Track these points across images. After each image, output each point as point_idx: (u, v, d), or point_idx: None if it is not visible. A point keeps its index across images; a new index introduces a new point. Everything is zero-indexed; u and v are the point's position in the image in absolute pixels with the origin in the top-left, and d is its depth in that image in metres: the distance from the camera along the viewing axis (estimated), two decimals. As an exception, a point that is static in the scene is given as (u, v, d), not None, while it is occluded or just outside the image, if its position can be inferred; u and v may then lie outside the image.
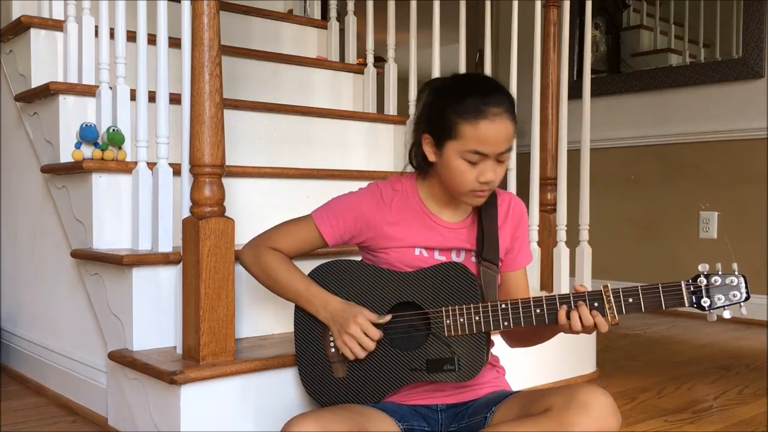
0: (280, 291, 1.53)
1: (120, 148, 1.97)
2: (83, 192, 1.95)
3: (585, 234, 2.58)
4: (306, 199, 2.23)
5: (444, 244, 1.49)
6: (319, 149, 2.67)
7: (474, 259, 1.50)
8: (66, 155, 2.03)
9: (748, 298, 1.31)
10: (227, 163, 1.74)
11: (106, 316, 1.86)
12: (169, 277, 1.75)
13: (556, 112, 2.54)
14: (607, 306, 1.34)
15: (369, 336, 1.41)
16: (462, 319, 1.39)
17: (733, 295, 1.31)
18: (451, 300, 1.41)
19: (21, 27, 2.25)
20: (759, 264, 3.53)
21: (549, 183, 2.54)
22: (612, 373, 2.51)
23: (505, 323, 1.38)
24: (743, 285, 1.31)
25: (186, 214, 1.64)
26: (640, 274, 3.92)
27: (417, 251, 1.48)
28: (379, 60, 3.13)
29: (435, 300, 1.42)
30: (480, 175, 1.38)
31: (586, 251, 2.57)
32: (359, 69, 3.13)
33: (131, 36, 1.90)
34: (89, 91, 2.08)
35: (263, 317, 1.88)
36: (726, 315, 1.31)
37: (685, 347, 2.99)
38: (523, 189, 2.46)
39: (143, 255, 1.75)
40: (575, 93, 2.73)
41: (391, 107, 3.01)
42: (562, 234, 2.53)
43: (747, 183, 3.63)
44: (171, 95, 1.80)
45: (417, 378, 1.42)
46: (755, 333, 3.29)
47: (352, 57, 3.22)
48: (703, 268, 1.32)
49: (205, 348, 1.56)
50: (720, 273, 1.32)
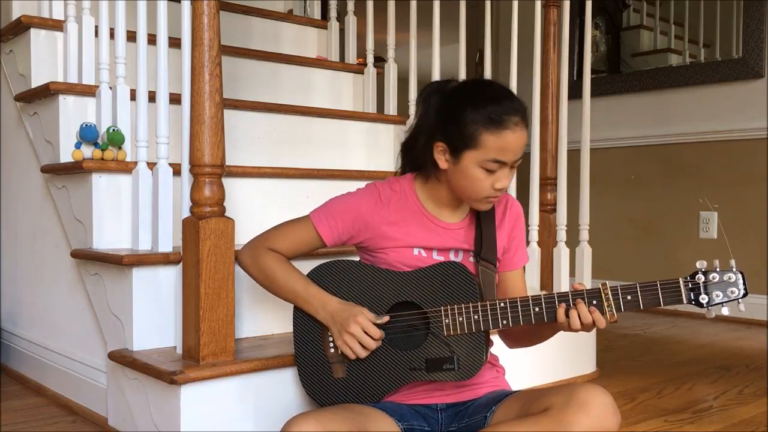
0: (278, 292, 1.53)
1: (120, 148, 1.97)
2: (83, 192, 1.95)
3: (585, 234, 2.58)
4: (306, 199, 2.23)
5: (442, 244, 1.49)
6: (319, 149, 2.67)
7: (472, 259, 1.50)
8: (66, 155, 2.04)
9: (746, 294, 1.31)
10: (227, 163, 1.74)
11: (106, 316, 1.86)
12: (169, 277, 1.75)
13: (556, 112, 2.54)
14: (606, 304, 1.34)
15: (370, 335, 1.41)
16: (461, 319, 1.39)
17: (731, 292, 1.31)
18: (450, 299, 1.41)
19: (21, 27, 2.25)
20: (759, 264, 3.53)
21: (549, 183, 2.54)
22: (612, 373, 2.51)
23: (504, 322, 1.38)
24: (741, 281, 1.31)
25: (186, 214, 1.65)
26: (640, 274, 3.91)
27: (415, 251, 1.48)
28: (379, 60, 3.13)
29: (434, 299, 1.42)
30: (496, 182, 1.39)
31: (586, 251, 2.58)
32: (359, 69, 3.13)
33: (131, 36, 1.90)
34: (89, 91, 2.08)
35: (263, 317, 1.88)
36: (724, 312, 1.31)
37: (685, 347, 2.99)
38: (523, 189, 2.46)
39: (143, 255, 1.75)
40: (575, 93, 2.74)
41: (391, 107, 3.01)
42: (562, 234, 2.53)
43: (747, 183, 3.63)
44: (171, 95, 1.80)
45: (416, 377, 1.42)
46: (755, 333, 3.29)
47: (352, 57, 3.22)
48: (701, 265, 1.32)
49: (205, 348, 1.57)
50: (718, 270, 1.32)
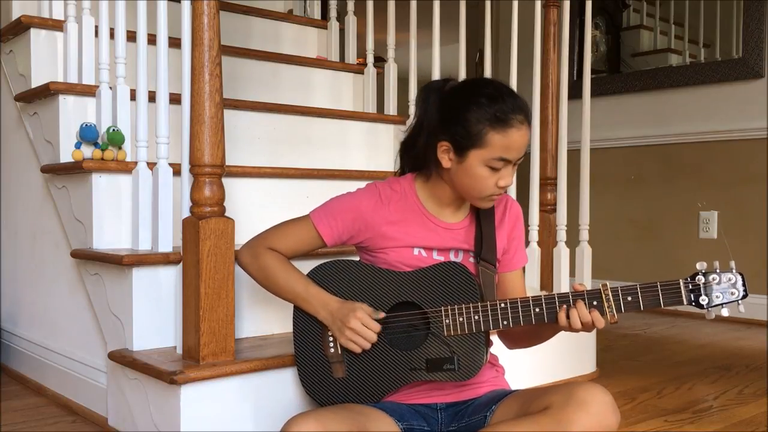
0: (278, 291, 1.53)
1: (120, 148, 1.97)
2: (83, 192, 1.95)
3: (585, 234, 2.58)
4: (306, 199, 2.23)
5: (442, 244, 1.49)
6: (319, 149, 2.67)
7: (472, 260, 1.50)
8: (66, 155, 2.04)
9: (746, 296, 1.31)
10: (227, 163, 1.74)
11: (106, 316, 1.86)
12: (169, 277, 1.75)
13: (556, 112, 2.54)
14: (606, 305, 1.34)
15: (370, 329, 1.41)
16: (461, 319, 1.39)
17: (731, 293, 1.31)
18: (451, 300, 1.41)
19: (21, 27, 2.25)
20: (759, 264, 3.53)
21: (549, 183, 2.54)
22: (612, 373, 2.51)
23: (505, 322, 1.38)
24: (741, 283, 1.31)
25: (186, 214, 1.65)
26: (640, 274, 3.92)
27: (416, 251, 1.48)
28: (379, 60, 3.13)
29: (434, 300, 1.42)
30: (500, 180, 1.40)
31: (586, 251, 2.57)
32: (359, 69, 3.13)
33: (131, 36, 1.90)
34: (89, 91, 2.08)
35: (263, 317, 1.88)
36: (724, 313, 1.32)
37: (685, 347, 2.99)
38: (523, 189, 2.46)
39: (143, 255, 1.75)
40: (575, 93, 2.73)
41: (391, 107, 3.01)
42: (562, 234, 2.53)
43: (747, 183, 3.63)
44: (171, 95, 1.80)
45: (417, 377, 1.42)
46: (755, 333, 3.29)
47: (352, 57, 3.22)
48: (701, 266, 1.32)
49: (205, 348, 1.57)
50: (718, 271, 1.32)
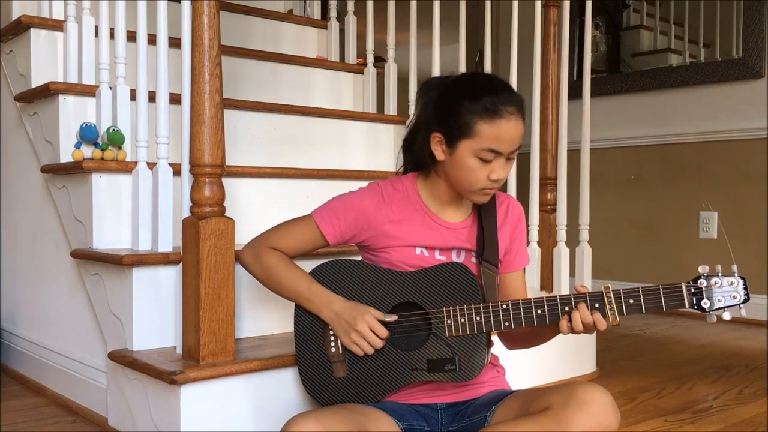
0: (280, 290, 1.52)
1: (120, 148, 1.97)
2: (83, 192, 1.95)
3: (585, 234, 2.58)
4: (306, 199, 2.23)
5: (444, 243, 1.49)
6: (319, 149, 2.67)
7: (474, 260, 1.50)
8: (66, 155, 2.03)
9: (747, 299, 1.32)
10: (227, 163, 1.74)
11: (106, 316, 1.86)
12: (169, 277, 1.74)
13: (556, 112, 2.54)
14: (608, 307, 1.34)
15: (377, 334, 1.41)
16: (463, 320, 1.39)
17: (733, 297, 1.31)
18: (452, 300, 1.41)
19: (21, 27, 2.25)
20: (759, 264, 3.53)
21: (549, 183, 2.54)
22: (612, 373, 2.51)
23: (506, 324, 1.38)
24: (743, 287, 1.32)
25: (186, 214, 1.64)
26: (640, 274, 3.92)
27: (418, 251, 1.48)
28: (379, 60, 3.13)
29: (436, 300, 1.42)
30: (491, 173, 1.39)
31: (586, 251, 2.57)
32: (359, 69, 3.13)
33: (131, 36, 1.90)
34: (89, 91, 2.08)
35: (263, 317, 1.88)
36: (726, 316, 1.32)
37: (685, 347, 2.99)
38: (523, 189, 2.46)
39: (143, 255, 1.75)
40: (575, 93, 2.73)
41: (391, 107, 3.01)
42: (562, 234, 2.53)
43: (747, 183, 3.63)
44: (171, 95, 1.80)
45: (418, 378, 1.42)
46: (755, 333, 3.29)
47: (352, 57, 3.22)
48: (703, 269, 1.33)
49: (205, 348, 1.56)
50: (720, 274, 1.32)
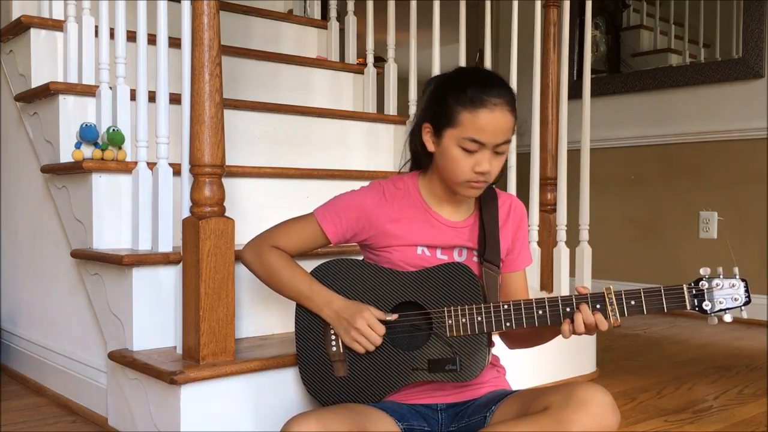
0: (281, 289, 1.52)
1: (120, 148, 1.97)
2: (83, 192, 1.95)
3: (585, 234, 2.58)
4: (306, 199, 2.23)
5: (446, 242, 1.49)
6: (319, 149, 2.67)
7: (476, 259, 1.50)
8: (66, 155, 2.03)
9: (749, 302, 1.32)
10: (227, 163, 1.74)
11: (106, 316, 1.86)
12: (169, 277, 1.74)
13: (556, 112, 2.54)
14: (609, 308, 1.34)
15: (375, 331, 1.41)
16: (464, 320, 1.39)
17: (734, 299, 1.32)
18: (454, 300, 1.41)
19: (21, 27, 2.25)
20: (759, 264, 3.53)
21: (549, 183, 2.54)
22: (612, 373, 2.51)
23: (507, 324, 1.38)
24: (744, 289, 1.32)
25: (186, 214, 1.64)
26: (640, 274, 3.92)
27: (419, 250, 1.48)
28: (379, 60, 3.13)
29: (437, 300, 1.42)
30: (476, 165, 1.39)
31: (586, 251, 2.57)
32: (359, 69, 3.13)
33: (131, 36, 1.90)
34: (89, 91, 2.08)
35: (263, 317, 1.88)
36: (727, 318, 1.32)
37: (685, 347, 2.99)
38: (523, 189, 2.46)
39: (143, 255, 1.75)
40: (575, 93, 2.73)
41: (391, 107, 3.01)
42: (562, 234, 2.53)
43: (747, 183, 3.63)
44: (171, 95, 1.80)
45: (418, 378, 1.42)
46: (755, 333, 3.29)
47: (352, 57, 3.22)
48: (705, 271, 1.33)
49: (205, 348, 1.56)
50: (721, 277, 1.32)
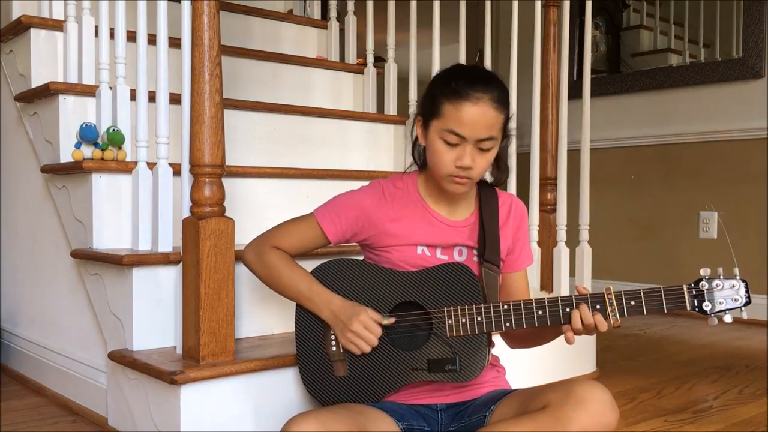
0: (282, 290, 1.53)
1: (120, 148, 1.97)
2: (83, 192, 1.95)
3: (585, 234, 2.58)
4: (306, 199, 2.23)
5: (446, 240, 1.49)
6: (319, 149, 2.67)
7: (476, 258, 1.50)
8: (66, 155, 2.03)
9: (749, 302, 1.32)
10: (227, 163, 1.74)
11: (106, 316, 1.86)
12: (169, 277, 1.74)
13: (556, 112, 2.54)
14: (609, 308, 1.34)
15: (372, 332, 1.41)
16: (464, 320, 1.39)
17: (735, 300, 1.32)
18: (453, 300, 1.41)
19: (21, 27, 2.25)
20: (759, 264, 3.53)
21: (549, 183, 2.54)
22: (612, 373, 2.51)
23: (507, 324, 1.38)
24: (744, 290, 1.32)
25: (186, 214, 1.64)
26: (640, 274, 3.92)
27: (419, 250, 1.48)
28: (379, 60, 3.13)
29: (437, 300, 1.42)
30: (457, 159, 1.39)
31: (586, 251, 2.57)
32: (359, 69, 3.13)
33: (131, 36, 1.90)
34: (89, 91, 2.08)
35: (264, 317, 1.88)
36: (727, 319, 1.32)
37: (685, 347, 2.99)
38: (523, 189, 2.46)
39: (143, 255, 1.75)
40: (575, 93, 2.73)
41: (391, 107, 3.01)
42: (562, 234, 2.53)
43: (747, 183, 3.63)
44: (171, 95, 1.80)
45: (418, 378, 1.42)
46: (755, 333, 3.29)
47: (352, 57, 3.22)
48: (705, 272, 1.33)
49: (205, 348, 1.56)
50: (722, 277, 1.32)
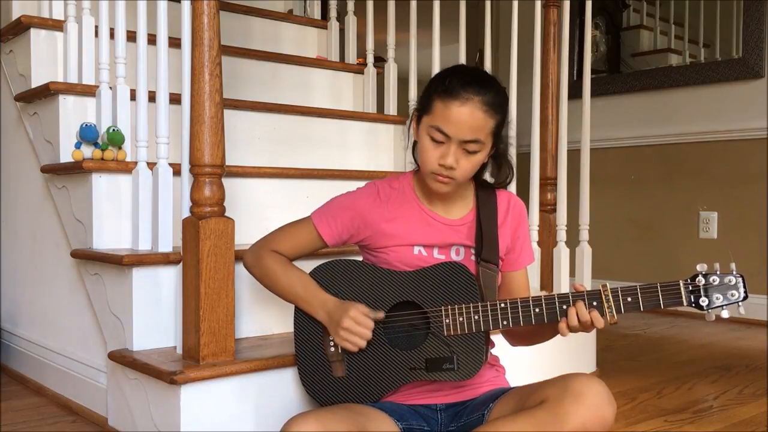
0: (279, 292, 1.54)
1: (120, 148, 1.97)
2: (83, 192, 1.95)
3: (585, 234, 2.58)
4: (306, 199, 2.23)
5: (443, 240, 1.49)
6: (319, 149, 2.67)
7: (474, 258, 1.50)
8: (66, 155, 2.04)
9: (746, 297, 1.31)
10: (227, 163, 1.74)
11: (106, 316, 1.86)
12: (169, 277, 1.75)
13: (556, 112, 2.54)
14: (606, 305, 1.34)
15: (363, 326, 1.41)
16: (461, 319, 1.39)
17: (732, 295, 1.31)
18: (451, 299, 1.41)
19: (21, 27, 2.25)
20: (759, 264, 3.53)
21: (549, 183, 2.54)
22: (612, 373, 2.51)
23: (504, 323, 1.38)
24: (741, 285, 1.31)
25: (186, 214, 1.65)
26: (640, 274, 3.92)
27: (416, 250, 1.48)
28: (379, 60, 3.13)
29: (434, 299, 1.42)
30: (441, 158, 1.39)
31: (586, 251, 2.58)
32: (359, 69, 3.13)
33: (131, 36, 1.90)
34: (89, 91, 2.08)
35: (263, 317, 1.88)
36: (724, 314, 1.32)
37: (685, 347, 2.99)
38: (523, 189, 2.46)
39: (143, 255, 1.75)
40: (575, 93, 2.73)
41: (391, 107, 3.01)
42: (562, 234, 2.53)
43: (747, 183, 3.63)
44: (171, 95, 1.80)
45: (416, 377, 1.42)
46: (755, 333, 3.29)
47: (352, 57, 3.22)
48: (702, 267, 1.32)
49: (205, 348, 1.57)
50: (718, 273, 1.32)
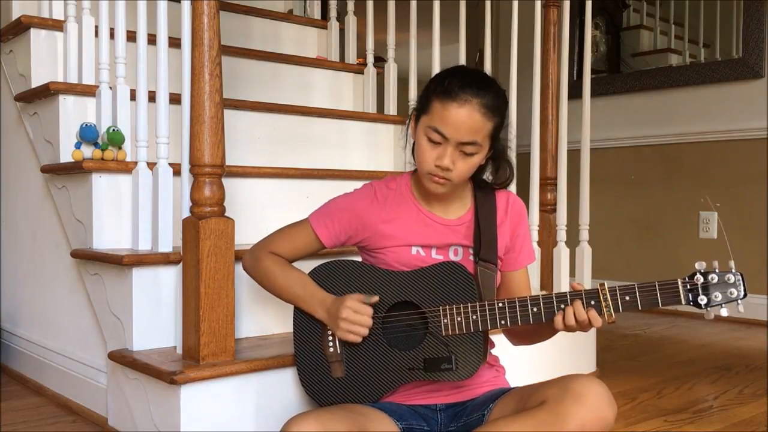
0: (279, 294, 1.54)
1: (120, 148, 1.97)
2: (83, 192, 1.95)
3: (585, 234, 2.58)
4: (306, 199, 2.23)
5: (441, 240, 1.49)
6: (319, 149, 2.67)
7: (472, 258, 1.50)
8: (66, 155, 2.04)
9: (745, 295, 1.30)
10: (227, 163, 1.74)
11: (106, 316, 1.86)
12: (169, 277, 1.75)
13: (556, 112, 2.54)
14: (604, 304, 1.34)
15: (361, 313, 1.41)
16: (459, 318, 1.39)
17: (731, 293, 1.30)
18: (449, 299, 1.41)
19: (21, 27, 2.25)
20: (759, 263, 3.53)
21: (549, 183, 2.54)
22: (612, 373, 2.51)
23: (503, 322, 1.38)
24: (740, 283, 1.30)
25: (186, 214, 1.65)
26: (640, 274, 3.91)
27: (414, 250, 1.48)
28: (379, 60, 3.13)
29: (433, 299, 1.42)
30: (438, 158, 1.39)
31: (586, 251, 2.58)
32: (359, 69, 3.13)
33: (131, 36, 1.91)
34: (89, 91, 2.08)
35: (263, 317, 1.88)
36: (724, 313, 1.31)
37: (685, 347, 2.99)
38: (523, 189, 2.46)
39: (143, 255, 1.75)
40: (575, 93, 2.73)
41: (391, 107, 3.01)
42: (562, 234, 2.53)
43: (747, 183, 3.63)
44: (171, 95, 1.80)
45: (415, 377, 1.42)
46: (755, 333, 3.29)
47: (352, 57, 3.22)
48: (700, 266, 1.32)
49: (205, 348, 1.57)
50: (717, 271, 1.31)
